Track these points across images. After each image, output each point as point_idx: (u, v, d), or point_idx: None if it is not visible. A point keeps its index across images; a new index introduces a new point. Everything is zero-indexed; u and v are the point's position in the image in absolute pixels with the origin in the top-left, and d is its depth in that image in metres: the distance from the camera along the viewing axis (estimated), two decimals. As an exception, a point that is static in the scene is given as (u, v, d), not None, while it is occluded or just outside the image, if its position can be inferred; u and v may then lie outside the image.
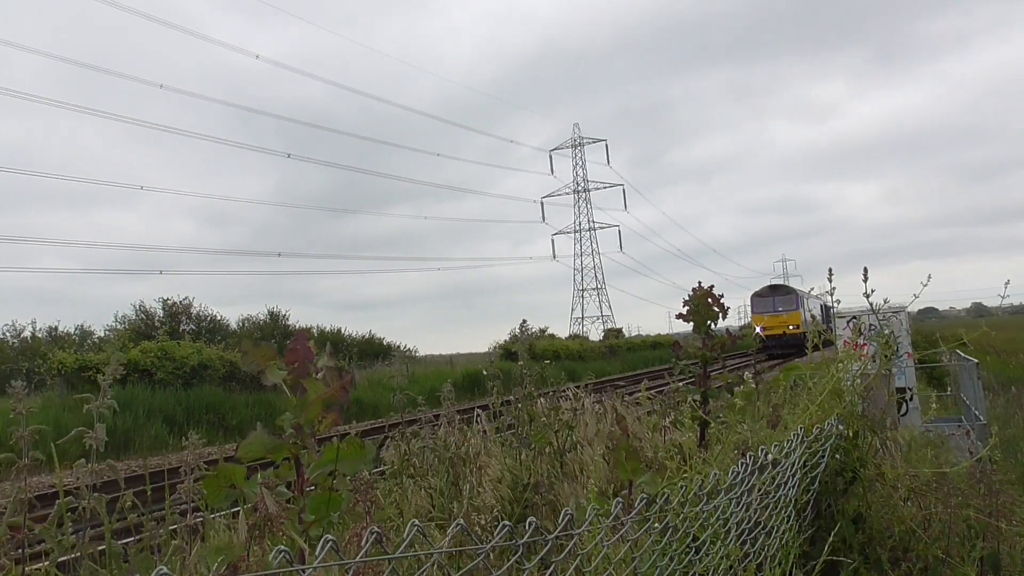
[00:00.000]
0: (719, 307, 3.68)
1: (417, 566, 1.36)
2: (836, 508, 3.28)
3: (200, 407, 18.56)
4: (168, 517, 2.68)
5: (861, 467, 3.37)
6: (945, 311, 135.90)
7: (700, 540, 2.19)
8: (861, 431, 3.53)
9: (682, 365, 3.87)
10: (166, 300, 30.07)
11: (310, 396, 1.33)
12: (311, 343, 1.36)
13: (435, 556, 1.32)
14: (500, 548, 1.50)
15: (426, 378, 22.40)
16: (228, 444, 15.14)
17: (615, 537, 1.88)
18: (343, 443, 1.38)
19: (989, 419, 8.50)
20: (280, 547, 1.19)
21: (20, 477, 2.25)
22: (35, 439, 2.33)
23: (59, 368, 19.90)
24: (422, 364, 34.68)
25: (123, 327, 28.48)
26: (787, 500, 2.77)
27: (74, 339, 26.65)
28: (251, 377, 1.62)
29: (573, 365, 32.23)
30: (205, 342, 25.77)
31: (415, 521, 1.30)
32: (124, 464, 13.88)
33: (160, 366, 20.56)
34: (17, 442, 2.28)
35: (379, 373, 27.28)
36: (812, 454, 3.14)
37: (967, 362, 9.47)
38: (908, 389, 8.26)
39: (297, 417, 1.33)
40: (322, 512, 1.41)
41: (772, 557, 2.58)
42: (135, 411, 16.71)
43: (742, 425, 3.35)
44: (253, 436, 1.35)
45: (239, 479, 1.34)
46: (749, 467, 2.47)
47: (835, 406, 3.50)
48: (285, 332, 32.47)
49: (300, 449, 1.36)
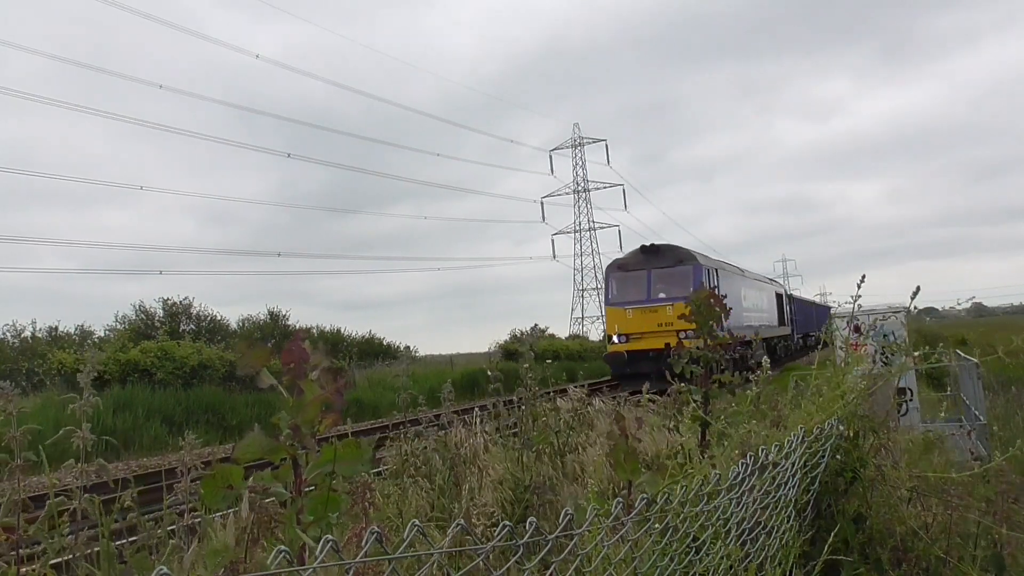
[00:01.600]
0: (721, 307, 3.68)
1: (417, 566, 1.36)
2: (836, 508, 3.27)
3: (200, 407, 18.55)
4: (165, 517, 2.67)
5: (862, 467, 3.37)
6: (945, 311, 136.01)
7: (700, 540, 2.18)
8: (861, 431, 3.52)
9: (683, 365, 3.86)
10: (166, 300, 30.04)
11: (306, 397, 1.33)
12: (307, 343, 1.35)
13: (435, 556, 1.32)
14: (500, 548, 1.49)
15: (426, 378, 22.38)
16: (227, 444, 15.14)
17: (615, 537, 1.88)
18: (341, 444, 1.37)
19: (989, 419, 8.49)
20: (280, 547, 1.18)
21: (13, 478, 2.24)
22: (27, 439, 2.32)
23: (59, 368, 19.91)
24: (422, 364, 34.65)
25: (123, 327, 28.44)
26: (787, 500, 2.76)
27: (74, 339, 26.62)
28: (250, 377, 1.62)
29: (573, 365, 32.23)
30: (205, 342, 25.76)
31: (415, 521, 1.29)
32: (124, 464, 13.89)
33: (160, 366, 20.57)
34: (10, 443, 2.27)
35: (379, 373, 27.27)
36: (812, 454, 3.14)
37: (967, 362, 9.46)
38: (908, 389, 8.26)
39: (294, 418, 1.33)
40: (321, 513, 1.41)
41: (772, 557, 2.57)
42: (135, 411, 16.71)
43: (743, 425, 3.35)
44: (250, 437, 1.34)
45: (237, 480, 1.33)
46: (749, 467, 2.47)
47: (836, 406, 3.49)
48: (285, 332, 32.43)
49: (298, 450, 1.35)
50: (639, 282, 21.55)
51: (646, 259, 21.85)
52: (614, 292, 22.18)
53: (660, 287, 21.36)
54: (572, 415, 5.77)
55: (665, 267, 21.50)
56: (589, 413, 6.41)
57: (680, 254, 21.89)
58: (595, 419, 6.09)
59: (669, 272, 21.43)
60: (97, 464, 2.65)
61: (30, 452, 2.30)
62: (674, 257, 21.72)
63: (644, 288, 21.35)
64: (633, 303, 21.21)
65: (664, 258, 21.70)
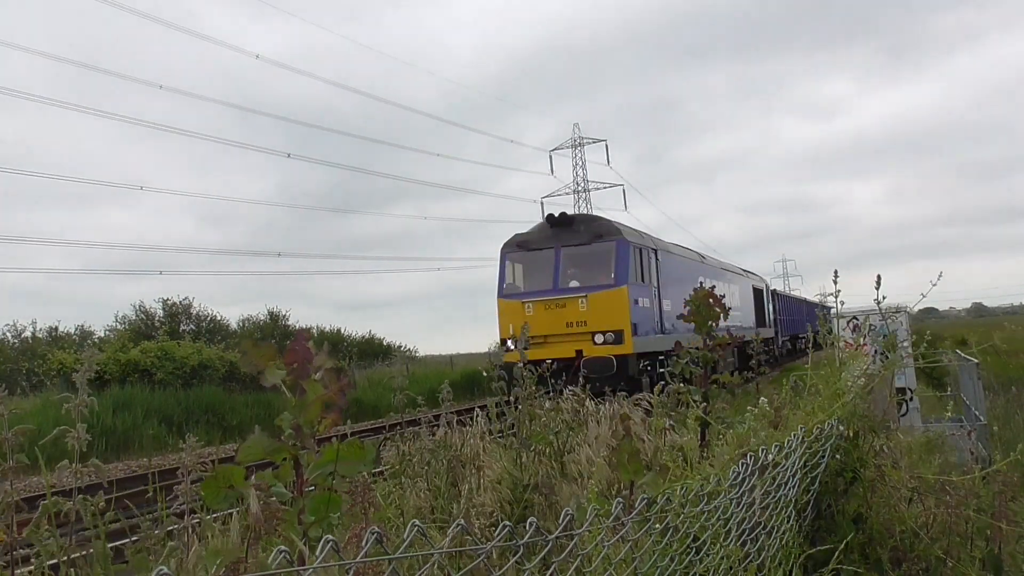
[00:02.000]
0: (720, 307, 3.68)
1: (417, 566, 1.36)
2: (836, 508, 3.28)
3: (200, 407, 18.56)
4: (164, 519, 2.67)
5: (861, 467, 3.37)
6: (945, 311, 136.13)
7: (701, 540, 2.19)
8: (861, 431, 3.53)
9: (683, 365, 3.86)
10: (166, 300, 30.07)
11: (309, 397, 1.33)
12: (310, 343, 1.35)
13: (435, 556, 1.32)
14: (500, 548, 1.49)
15: (426, 378, 22.37)
16: (228, 444, 15.14)
17: (615, 537, 1.88)
18: (342, 444, 1.37)
19: (989, 419, 8.49)
20: (280, 547, 1.19)
21: (6, 479, 2.24)
22: (22, 440, 2.32)
23: (59, 368, 19.93)
24: (422, 364, 34.65)
25: (123, 327, 28.47)
26: (787, 500, 2.77)
27: (74, 339, 26.64)
28: (251, 377, 1.62)
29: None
30: (205, 342, 25.78)
31: (415, 521, 1.29)
32: (124, 464, 13.89)
33: (160, 366, 20.59)
34: (2, 444, 2.27)
35: (379, 373, 27.26)
36: (812, 454, 3.14)
37: (967, 362, 9.47)
38: (908, 389, 8.27)
39: (296, 418, 1.33)
40: (322, 513, 1.41)
41: (772, 557, 2.58)
42: (134, 411, 16.72)
43: (743, 425, 3.35)
44: (252, 439, 1.34)
45: (238, 480, 1.34)
46: (750, 467, 2.47)
47: (835, 406, 3.50)
48: (285, 332, 32.45)
49: (299, 450, 1.35)
50: (544, 265, 15.72)
51: (555, 234, 15.90)
52: (510, 279, 16.22)
53: (572, 272, 15.84)
54: (571, 415, 5.78)
55: (579, 245, 15.66)
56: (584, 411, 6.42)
57: (600, 227, 16.10)
58: (587, 420, 6.09)
59: (584, 252, 15.62)
60: (92, 465, 2.64)
61: (23, 455, 2.29)
62: (591, 231, 15.81)
63: (550, 274, 15.56)
64: (534, 295, 15.47)
65: (578, 233, 15.81)
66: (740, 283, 25.60)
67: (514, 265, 16.42)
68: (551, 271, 15.61)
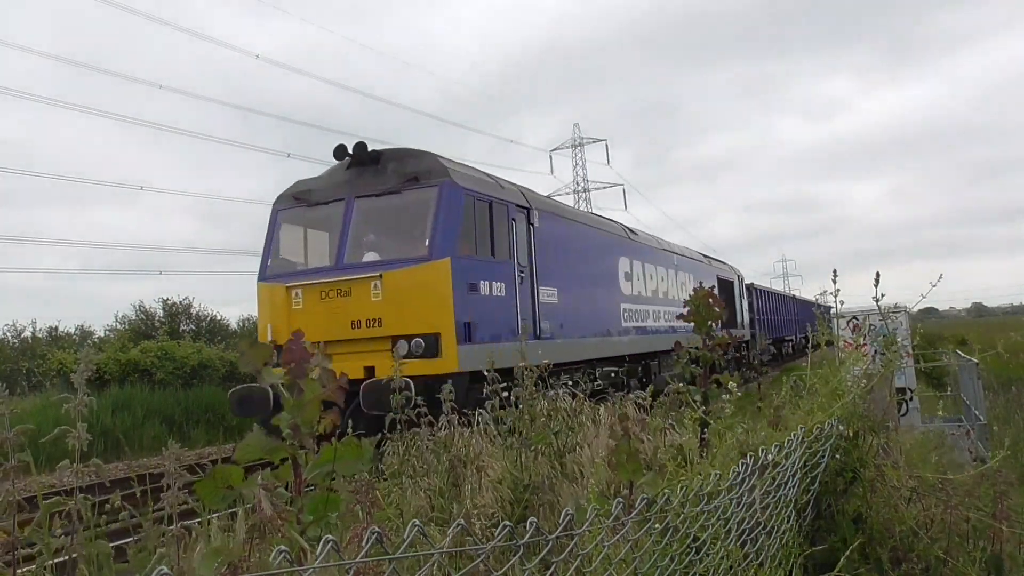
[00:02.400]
0: (720, 307, 3.68)
1: (418, 566, 1.36)
2: (836, 508, 3.28)
3: (200, 407, 18.57)
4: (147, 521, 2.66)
5: (861, 467, 3.37)
6: (945, 311, 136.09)
7: (700, 540, 2.19)
8: (861, 431, 3.53)
9: (683, 365, 3.86)
10: (166, 300, 30.05)
11: (307, 396, 1.33)
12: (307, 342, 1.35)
13: (435, 556, 1.32)
14: (500, 548, 1.49)
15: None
16: (227, 444, 15.15)
17: (615, 537, 1.88)
18: (340, 443, 1.37)
19: (989, 419, 8.50)
20: (280, 547, 1.18)
21: (8, 479, 2.24)
22: (22, 440, 2.32)
23: (59, 368, 19.94)
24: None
25: (123, 327, 28.47)
26: (787, 500, 2.77)
27: (74, 339, 26.66)
28: (251, 377, 1.61)
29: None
30: (205, 342, 25.79)
31: (416, 521, 1.29)
32: (124, 464, 13.89)
33: (160, 366, 20.58)
34: (3, 444, 2.27)
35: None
36: (812, 454, 3.14)
37: (967, 362, 9.47)
38: (908, 389, 8.28)
39: (294, 417, 1.33)
40: (321, 513, 1.41)
41: (772, 557, 2.58)
42: (134, 411, 16.73)
43: (743, 425, 3.35)
44: (250, 438, 1.34)
45: (236, 480, 1.34)
46: (749, 467, 2.47)
47: (835, 406, 3.50)
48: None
49: (298, 450, 1.35)
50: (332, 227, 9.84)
51: (349, 179, 9.85)
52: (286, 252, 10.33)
53: (371, 239, 9.66)
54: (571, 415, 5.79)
55: (383, 194, 9.49)
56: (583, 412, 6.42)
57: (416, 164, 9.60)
58: (585, 421, 6.10)
59: (391, 204, 9.54)
60: (93, 464, 2.64)
61: (23, 453, 2.29)
62: (402, 172, 9.52)
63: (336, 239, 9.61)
64: (305, 275, 9.62)
65: (384, 175, 9.64)
66: (697, 272, 19.67)
67: (292, 229, 10.36)
68: (337, 237, 9.56)
